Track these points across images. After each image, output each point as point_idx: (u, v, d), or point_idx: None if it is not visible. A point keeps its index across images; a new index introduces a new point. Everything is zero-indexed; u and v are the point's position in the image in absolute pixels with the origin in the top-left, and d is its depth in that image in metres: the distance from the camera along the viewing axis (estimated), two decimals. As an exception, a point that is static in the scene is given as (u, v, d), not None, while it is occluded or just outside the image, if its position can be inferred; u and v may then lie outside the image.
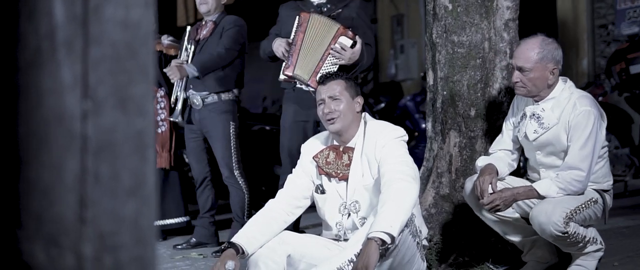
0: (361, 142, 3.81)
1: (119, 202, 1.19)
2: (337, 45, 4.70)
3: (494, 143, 4.29)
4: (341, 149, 3.83)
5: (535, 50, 3.96)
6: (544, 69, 3.96)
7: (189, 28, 5.65)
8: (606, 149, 4.08)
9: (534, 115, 4.04)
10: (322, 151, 3.88)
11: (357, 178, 3.78)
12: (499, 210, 3.96)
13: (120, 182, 1.19)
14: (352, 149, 3.81)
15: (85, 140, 1.17)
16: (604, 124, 4.00)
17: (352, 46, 4.70)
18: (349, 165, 3.81)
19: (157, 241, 5.84)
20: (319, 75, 4.38)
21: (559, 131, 3.97)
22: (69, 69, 1.16)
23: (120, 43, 1.20)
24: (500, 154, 4.20)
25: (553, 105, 4.00)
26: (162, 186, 5.94)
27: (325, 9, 4.96)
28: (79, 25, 1.17)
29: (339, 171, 3.83)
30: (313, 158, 3.89)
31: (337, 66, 4.71)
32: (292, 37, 4.86)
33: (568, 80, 4.08)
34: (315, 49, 4.76)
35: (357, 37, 4.74)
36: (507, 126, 4.24)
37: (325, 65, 4.74)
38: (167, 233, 6.11)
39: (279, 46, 4.86)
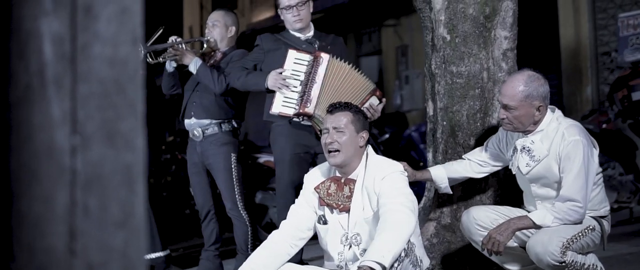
0: (363, 175, 3.82)
1: (108, 233, 1.22)
2: (368, 104, 4.61)
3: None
4: (343, 181, 3.84)
5: (519, 88, 3.92)
6: (529, 107, 3.92)
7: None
8: (601, 175, 4.05)
9: (524, 148, 4.02)
10: (323, 182, 3.90)
11: (358, 211, 3.80)
12: (500, 248, 3.88)
13: (109, 214, 1.23)
14: (354, 181, 3.82)
15: (75, 173, 1.21)
16: (596, 151, 3.97)
17: (378, 105, 4.70)
18: (350, 197, 3.82)
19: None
20: None
21: (550, 163, 3.95)
22: (58, 105, 1.20)
23: (108, 80, 1.24)
24: (456, 162, 4.33)
25: (542, 137, 3.98)
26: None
27: (316, 45, 4.91)
28: (68, 63, 1.21)
29: (340, 203, 3.84)
30: (314, 189, 3.91)
31: None
32: (299, 74, 4.66)
33: (556, 109, 4.05)
34: (340, 96, 4.49)
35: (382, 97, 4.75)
36: (488, 144, 4.26)
37: None
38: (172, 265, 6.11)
39: (276, 81, 4.63)
